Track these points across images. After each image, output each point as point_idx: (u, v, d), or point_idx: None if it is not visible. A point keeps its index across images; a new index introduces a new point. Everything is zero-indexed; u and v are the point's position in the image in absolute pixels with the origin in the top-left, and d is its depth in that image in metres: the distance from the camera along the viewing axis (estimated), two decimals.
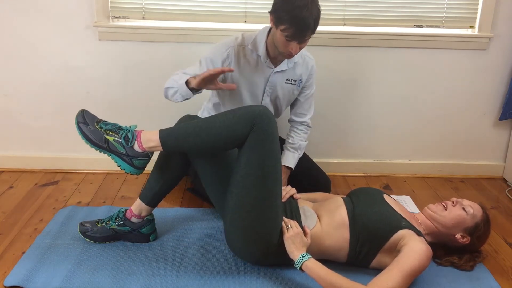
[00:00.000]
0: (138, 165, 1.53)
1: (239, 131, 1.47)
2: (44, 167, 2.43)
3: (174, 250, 1.71)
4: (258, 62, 1.89)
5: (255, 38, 1.88)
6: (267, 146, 1.48)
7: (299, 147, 2.04)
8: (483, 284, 1.58)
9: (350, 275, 1.44)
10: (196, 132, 1.50)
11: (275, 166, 1.51)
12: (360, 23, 2.31)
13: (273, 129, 1.50)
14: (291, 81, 1.97)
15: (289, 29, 1.64)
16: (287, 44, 1.70)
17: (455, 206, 1.63)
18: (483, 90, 2.43)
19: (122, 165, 1.53)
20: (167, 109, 2.36)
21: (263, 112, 1.48)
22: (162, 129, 1.53)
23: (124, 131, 1.53)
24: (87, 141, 1.51)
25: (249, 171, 1.48)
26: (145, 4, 2.23)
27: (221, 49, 1.86)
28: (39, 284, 1.48)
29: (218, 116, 1.52)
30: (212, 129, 1.49)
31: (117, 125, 1.55)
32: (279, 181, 1.53)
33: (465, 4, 2.31)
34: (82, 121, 1.53)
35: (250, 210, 1.50)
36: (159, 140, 1.51)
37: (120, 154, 1.51)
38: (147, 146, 1.52)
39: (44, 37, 2.23)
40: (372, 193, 1.67)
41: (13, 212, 1.97)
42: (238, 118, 1.48)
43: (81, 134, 1.51)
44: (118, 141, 1.51)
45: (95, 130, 1.52)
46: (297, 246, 1.48)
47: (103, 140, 1.51)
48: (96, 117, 1.56)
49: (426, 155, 2.54)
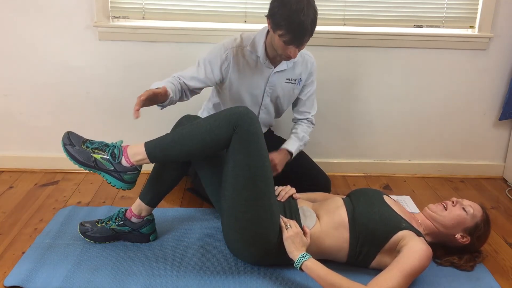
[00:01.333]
0: (128, 180, 1.55)
1: (222, 134, 1.48)
2: (44, 167, 2.43)
3: (174, 250, 1.71)
4: (257, 62, 1.89)
5: (254, 39, 1.87)
6: (252, 146, 1.49)
7: (303, 138, 2.04)
8: (483, 284, 1.58)
9: (350, 275, 1.44)
10: (180, 141, 1.51)
11: (263, 165, 1.51)
12: (360, 23, 2.31)
13: (256, 129, 1.50)
14: (291, 80, 1.97)
15: (287, 34, 1.64)
16: (286, 48, 1.69)
17: (455, 206, 1.63)
18: (483, 90, 2.43)
19: (112, 182, 1.54)
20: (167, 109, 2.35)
21: (244, 112, 1.49)
22: (147, 141, 1.54)
23: (110, 148, 1.54)
24: (75, 162, 1.52)
25: (237, 173, 1.49)
26: (145, 4, 2.23)
27: (219, 50, 1.86)
28: (39, 284, 1.48)
29: (201, 122, 1.53)
30: (196, 136, 1.50)
31: (103, 143, 1.56)
32: (269, 180, 1.54)
33: (465, 4, 2.31)
34: (68, 143, 1.53)
35: (244, 211, 1.50)
36: (145, 153, 1.52)
37: (109, 171, 1.53)
38: (134, 160, 1.52)
39: (44, 37, 2.23)
40: (372, 194, 1.67)
41: (13, 212, 1.97)
42: (220, 122, 1.49)
43: (69, 156, 1.52)
44: (106, 158, 1.52)
45: (81, 150, 1.52)
46: (296, 246, 1.48)
47: (91, 159, 1.52)
48: (82, 137, 1.57)
49: (426, 155, 2.54)
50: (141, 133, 2.41)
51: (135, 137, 2.42)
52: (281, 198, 1.72)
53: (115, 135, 2.41)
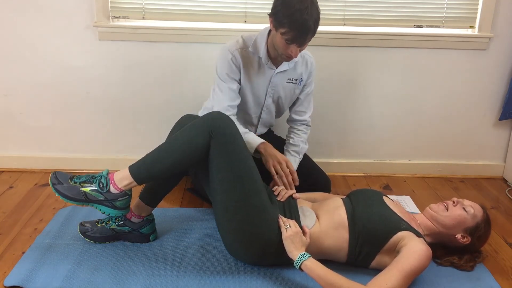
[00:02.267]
0: (121, 206, 1.57)
1: (200, 142, 1.50)
2: (44, 167, 2.43)
3: (174, 250, 1.71)
4: (259, 63, 1.89)
5: (256, 40, 1.88)
6: (230, 148, 1.50)
7: (301, 150, 2.04)
8: (483, 284, 1.58)
9: (350, 275, 1.44)
10: (161, 157, 1.52)
11: (245, 163, 1.52)
12: (360, 23, 2.31)
13: (231, 129, 1.52)
14: (292, 80, 1.97)
15: (289, 32, 1.64)
16: (287, 47, 1.69)
17: (456, 206, 1.63)
18: (483, 90, 2.43)
19: (106, 211, 1.56)
20: (167, 109, 2.36)
21: (216, 117, 1.52)
22: (130, 165, 1.55)
23: (97, 179, 1.55)
24: (66, 199, 1.54)
25: (222, 176, 1.51)
26: (145, 4, 2.23)
27: (226, 55, 1.86)
28: (39, 284, 1.48)
29: (178, 134, 1.55)
30: (175, 149, 1.52)
31: (90, 175, 1.58)
32: (255, 177, 1.54)
33: (465, 4, 2.31)
34: (56, 182, 1.55)
35: (235, 212, 1.51)
36: (131, 176, 1.53)
37: (100, 201, 1.55)
38: (122, 185, 1.54)
39: (44, 37, 2.23)
40: (371, 195, 1.67)
41: (13, 212, 1.97)
42: (196, 131, 1.51)
43: (59, 194, 1.54)
44: (94, 190, 1.54)
45: (70, 186, 1.54)
46: (296, 246, 1.48)
47: (80, 193, 1.54)
48: (69, 174, 1.59)
49: (426, 155, 2.54)
50: (141, 133, 2.41)
51: (135, 137, 2.42)
52: (281, 197, 1.72)
53: (115, 135, 2.41)
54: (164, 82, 2.33)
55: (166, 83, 2.33)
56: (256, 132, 2.11)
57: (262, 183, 1.58)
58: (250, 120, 2.06)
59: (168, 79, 2.32)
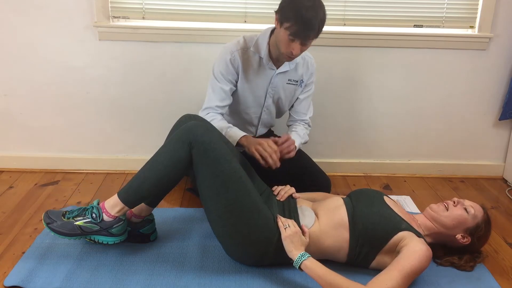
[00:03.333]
0: (118, 232, 1.58)
1: (182, 155, 1.50)
2: (44, 167, 2.43)
3: (174, 250, 1.70)
4: (260, 64, 1.90)
5: (257, 40, 1.88)
6: (211, 154, 1.50)
7: (304, 136, 2.04)
8: (483, 284, 1.58)
9: (350, 275, 1.44)
10: (146, 177, 1.53)
11: (229, 167, 1.51)
12: (360, 23, 2.31)
13: (209, 135, 1.52)
14: (293, 81, 1.98)
15: (294, 26, 1.65)
16: (290, 44, 1.70)
17: (457, 206, 1.62)
18: (483, 90, 2.43)
19: (104, 240, 1.57)
20: (167, 109, 2.36)
21: (193, 126, 1.52)
22: (119, 191, 1.56)
23: (89, 210, 1.56)
24: (63, 236, 1.55)
25: (209, 184, 1.51)
26: (145, 4, 2.23)
27: (226, 55, 1.87)
28: (39, 284, 1.48)
29: (160, 150, 1.55)
30: (157, 166, 1.52)
31: (81, 208, 1.59)
32: (241, 178, 1.53)
33: (465, 4, 2.31)
34: (49, 221, 1.57)
35: (228, 217, 1.51)
36: (121, 202, 1.54)
37: (96, 232, 1.56)
38: (114, 212, 1.55)
39: (44, 37, 2.23)
40: (372, 195, 1.67)
41: (13, 212, 1.97)
42: (175, 144, 1.52)
43: (55, 233, 1.55)
44: (88, 221, 1.55)
45: (64, 223, 1.55)
46: (295, 245, 1.48)
47: (75, 227, 1.55)
48: (60, 210, 1.60)
49: (426, 155, 2.54)
50: (141, 133, 2.41)
51: (135, 137, 2.42)
52: (280, 197, 1.72)
53: (115, 135, 2.41)
54: (164, 82, 2.33)
55: (166, 83, 2.33)
56: (256, 132, 2.11)
57: (250, 183, 1.57)
58: (251, 121, 2.06)
59: (168, 79, 2.32)
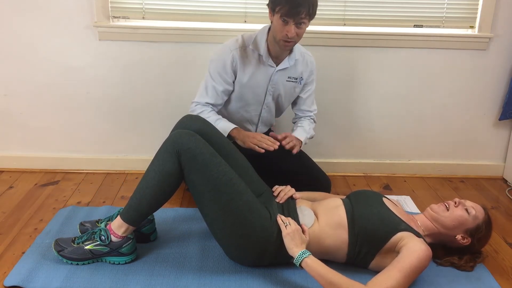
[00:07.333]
0: (128, 252, 1.59)
1: (171, 166, 1.51)
2: (44, 167, 2.43)
3: (174, 250, 1.70)
4: (260, 61, 1.91)
5: (256, 38, 1.89)
6: (199, 160, 1.50)
7: (309, 131, 2.06)
8: (483, 284, 1.58)
9: (350, 274, 1.43)
10: (142, 194, 1.54)
11: (217, 170, 1.51)
12: (360, 23, 2.31)
13: (194, 141, 1.52)
14: (293, 79, 1.99)
15: (284, 7, 1.68)
16: (284, 27, 1.73)
17: (458, 206, 1.61)
18: (483, 90, 2.43)
19: (116, 260, 1.59)
20: (167, 109, 2.36)
21: (177, 136, 1.52)
22: (121, 212, 1.58)
23: (97, 234, 1.58)
24: (75, 262, 1.57)
25: (201, 190, 1.52)
26: (145, 4, 2.23)
27: (224, 54, 1.89)
28: (39, 284, 1.48)
29: (149, 167, 1.56)
30: (151, 183, 1.53)
31: (90, 232, 1.61)
32: (232, 180, 1.53)
33: (465, 4, 2.31)
34: (59, 249, 1.59)
35: (224, 220, 1.52)
36: (124, 222, 1.56)
37: (107, 253, 1.58)
38: (121, 232, 1.57)
39: (44, 37, 2.22)
40: (371, 196, 1.67)
41: (13, 212, 1.97)
42: (163, 158, 1.52)
43: (67, 260, 1.58)
44: (98, 244, 1.57)
45: (74, 249, 1.58)
46: (296, 243, 1.48)
47: (86, 252, 1.57)
48: (69, 237, 1.62)
49: (426, 155, 2.54)
50: (141, 133, 2.41)
51: (135, 137, 2.42)
52: (280, 199, 1.71)
53: (115, 135, 2.41)
54: (164, 82, 2.33)
55: (166, 83, 2.33)
56: (256, 131, 2.12)
57: (243, 184, 1.56)
58: (251, 119, 2.06)
59: (168, 79, 2.32)
